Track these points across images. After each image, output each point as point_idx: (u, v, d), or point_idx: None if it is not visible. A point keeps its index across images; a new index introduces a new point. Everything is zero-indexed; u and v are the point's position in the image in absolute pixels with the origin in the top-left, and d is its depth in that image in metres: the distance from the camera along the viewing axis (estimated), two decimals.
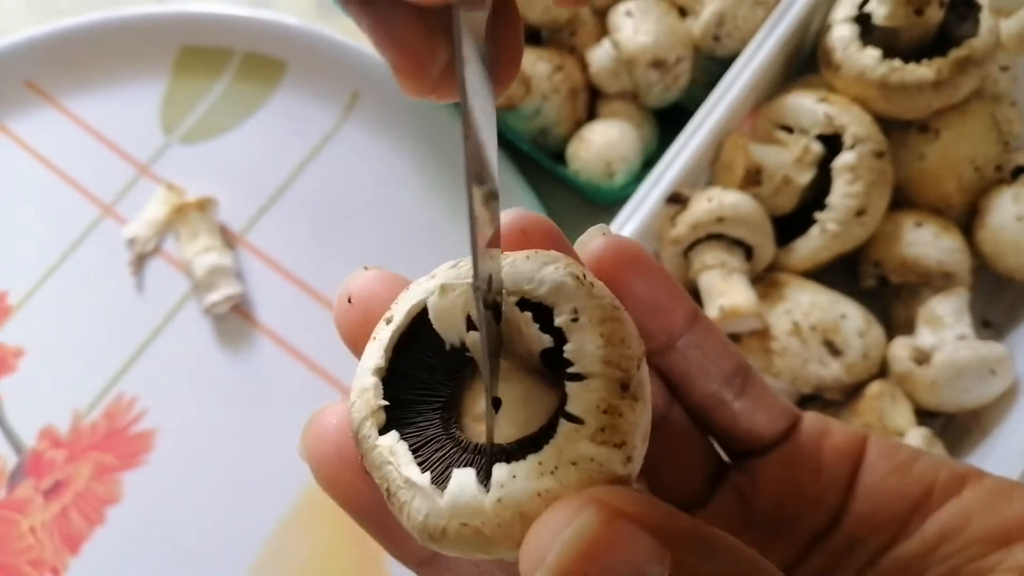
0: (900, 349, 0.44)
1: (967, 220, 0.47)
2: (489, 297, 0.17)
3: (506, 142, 0.53)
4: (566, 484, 0.15)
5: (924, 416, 0.44)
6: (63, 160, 0.56)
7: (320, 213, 0.55)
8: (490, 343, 0.17)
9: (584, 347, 0.16)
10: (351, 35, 0.57)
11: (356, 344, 0.19)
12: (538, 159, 0.52)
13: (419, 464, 0.17)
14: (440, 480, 0.16)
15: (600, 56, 0.51)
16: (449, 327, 0.18)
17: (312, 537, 0.48)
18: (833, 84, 0.47)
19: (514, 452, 0.16)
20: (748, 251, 0.45)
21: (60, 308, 0.53)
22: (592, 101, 0.54)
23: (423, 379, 0.18)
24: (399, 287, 0.19)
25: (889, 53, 0.44)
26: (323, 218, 0.55)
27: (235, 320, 0.52)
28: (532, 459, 0.15)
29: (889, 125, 0.46)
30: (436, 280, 0.18)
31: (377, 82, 0.56)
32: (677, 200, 0.45)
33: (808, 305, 0.44)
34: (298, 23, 0.57)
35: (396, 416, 0.18)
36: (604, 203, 0.52)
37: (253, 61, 0.58)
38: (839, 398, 0.45)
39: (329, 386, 0.51)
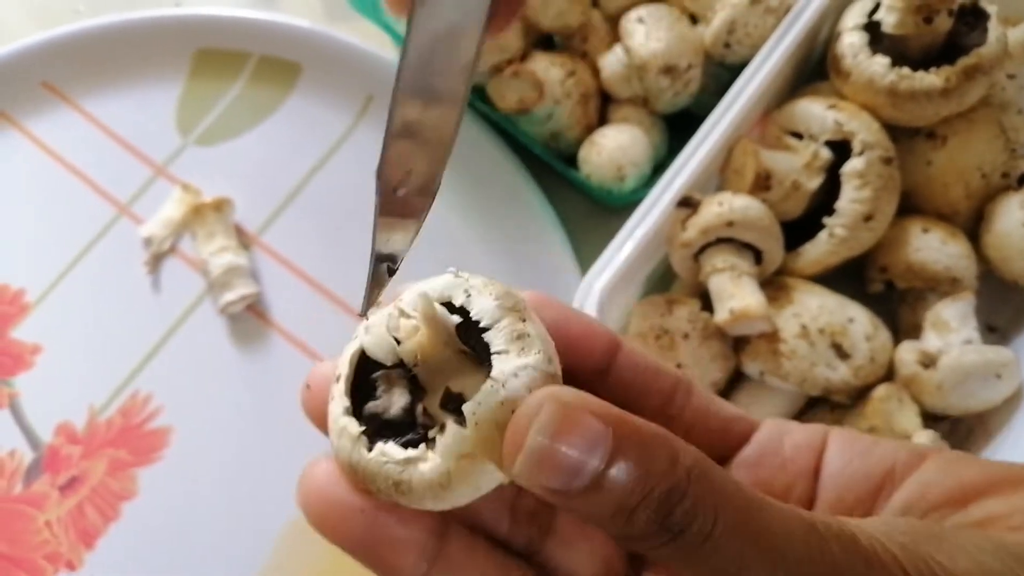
0: (907, 353, 0.44)
1: (974, 226, 0.48)
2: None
3: (518, 146, 0.54)
4: (517, 389, 0.19)
5: (930, 419, 0.45)
6: (80, 160, 0.57)
7: (334, 214, 0.56)
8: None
9: (484, 306, 0.21)
10: (366, 39, 0.58)
11: (321, 421, 0.23)
12: (550, 163, 0.53)
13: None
14: (427, 444, 0.20)
15: (612, 62, 0.52)
16: (383, 352, 0.22)
17: None
18: (842, 91, 0.47)
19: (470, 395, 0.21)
20: (757, 255, 0.46)
21: (77, 306, 0.54)
22: (603, 106, 0.55)
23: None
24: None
25: (898, 61, 0.45)
26: (337, 219, 0.55)
27: (250, 319, 0.53)
28: (484, 385, 0.20)
29: (897, 132, 0.47)
30: (360, 327, 0.23)
31: (391, 85, 0.57)
32: (688, 204, 0.45)
33: (816, 308, 0.45)
34: (313, 26, 0.58)
35: (374, 439, 0.21)
36: (615, 207, 0.53)
37: (268, 64, 0.59)
38: (846, 400, 0.45)
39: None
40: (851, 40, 0.46)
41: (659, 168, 0.52)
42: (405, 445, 0.20)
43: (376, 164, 0.22)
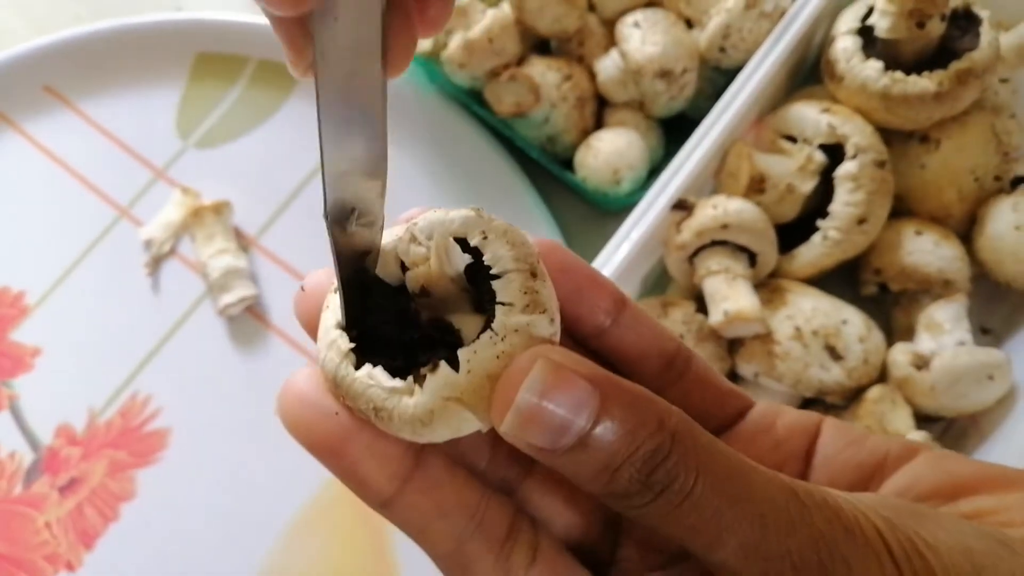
0: (900, 354, 0.45)
1: (966, 229, 0.48)
2: (349, 227, 0.22)
3: (515, 149, 0.54)
4: (515, 345, 0.19)
5: (923, 420, 0.45)
6: (81, 163, 0.58)
7: None
8: (342, 264, 0.21)
9: (498, 253, 0.21)
10: None
11: (311, 326, 0.23)
12: (546, 166, 0.53)
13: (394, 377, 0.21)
14: (417, 378, 0.20)
15: (608, 66, 0.52)
16: (387, 273, 0.22)
17: (323, 535, 0.49)
18: (836, 95, 0.48)
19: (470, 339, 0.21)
20: (752, 257, 0.46)
21: (77, 308, 0.54)
22: (599, 110, 0.55)
23: (376, 322, 0.22)
24: None
25: (891, 65, 0.45)
26: None
27: (249, 321, 0.54)
28: (485, 336, 0.20)
29: (890, 135, 0.47)
30: None
31: (388, 90, 0.57)
32: (683, 207, 0.46)
33: (810, 310, 0.45)
34: None
35: (363, 355, 0.21)
36: (611, 210, 0.53)
37: (267, 68, 0.59)
38: (840, 402, 0.46)
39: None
40: (845, 44, 0.47)
41: (655, 171, 0.52)
42: (393, 372, 0.20)
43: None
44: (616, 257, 0.44)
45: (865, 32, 0.47)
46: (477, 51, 0.51)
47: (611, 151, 0.51)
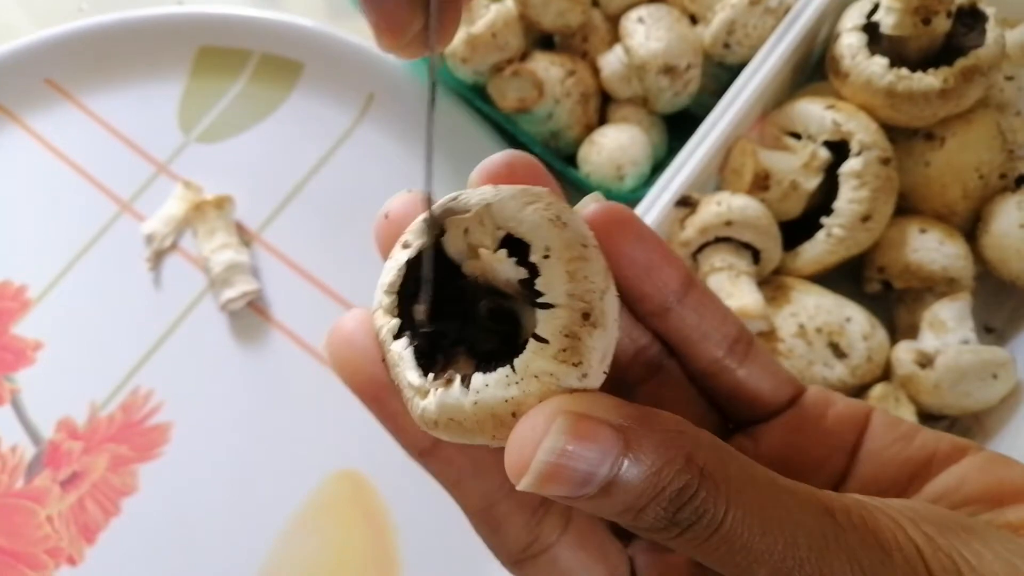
0: (904, 352, 0.45)
1: (971, 227, 0.48)
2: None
3: (518, 145, 0.54)
4: (528, 394, 0.18)
5: (927, 418, 0.45)
6: (82, 157, 0.57)
7: (335, 212, 0.56)
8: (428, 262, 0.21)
9: (552, 281, 0.19)
10: (367, 37, 0.58)
11: (386, 253, 0.22)
12: (550, 161, 0.53)
13: (421, 366, 0.20)
14: (435, 381, 0.20)
15: (612, 62, 0.52)
16: (454, 252, 0.21)
17: (325, 530, 0.49)
18: (841, 92, 0.47)
19: (491, 361, 0.19)
20: (755, 254, 0.46)
21: (78, 302, 0.54)
22: (603, 106, 0.55)
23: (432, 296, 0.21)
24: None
25: (896, 62, 0.45)
26: (338, 217, 0.56)
27: (250, 316, 0.53)
28: (502, 371, 0.18)
29: (895, 132, 0.47)
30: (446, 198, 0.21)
31: (392, 84, 0.57)
32: (686, 203, 0.45)
33: (814, 308, 0.45)
34: (315, 25, 0.58)
35: (407, 325, 0.21)
36: None
37: (270, 62, 0.59)
38: None
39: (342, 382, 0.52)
40: (850, 41, 0.46)
41: (658, 168, 0.52)
42: (423, 358, 0.20)
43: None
44: None
45: (870, 28, 0.46)
46: (480, 46, 0.51)
47: (614, 147, 0.51)
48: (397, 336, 0.20)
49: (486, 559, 0.23)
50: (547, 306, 0.18)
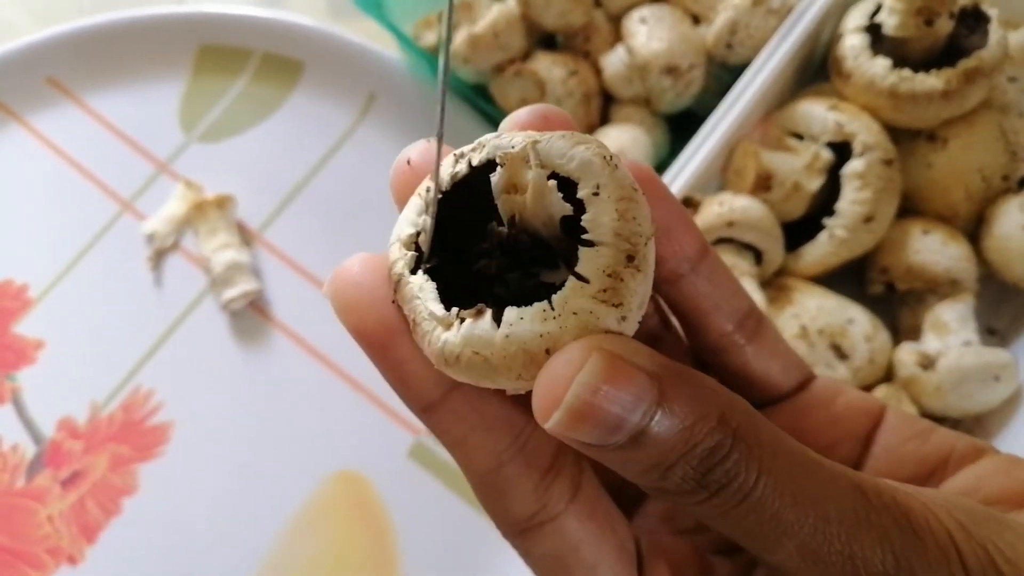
0: (906, 354, 0.45)
1: (974, 228, 0.48)
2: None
3: None
4: (565, 330, 0.17)
5: (929, 420, 0.45)
6: (83, 156, 0.57)
7: (336, 212, 0.56)
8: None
9: (600, 218, 0.18)
10: (368, 37, 0.58)
11: (403, 201, 0.21)
12: None
13: (443, 301, 0.19)
14: (464, 311, 0.18)
15: (614, 62, 0.52)
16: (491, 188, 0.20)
17: (325, 530, 0.49)
18: (843, 92, 0.47)
19: (527, 296, 0.18)
20: (758, 255, 0.46)
21: (79, 302, 0.54)
22: (605, 106, 0.55)
23: (457, 234, 0.20)
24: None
25: (899, 63, 0.45)
26: (339, 217, 0.56)
27: (251, 316, 0.53)
28: (538, 306, 0.17)
29: (898, 134, 0.47)
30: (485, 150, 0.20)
31: (393, 83, 0.57)
32: (688, 204, 0.45)
33: (816, 309, 0.45)
34: (316, 24, 0.58)
35: (429, 261, 0.20)
36: None
37: (271, 61, 0.59)
38: None
39: (343, 383, 0.52)
40: (852, 42, 0.46)
41: (660, 168, 0.52)
42: (447, 291, 0.19)
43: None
44: None
45: (873, 29, 0.46)
46: (482, 46, 0.51)
47: (616, 147, 0.51)
48: (414, 271, 0.19)
49: (486, 559, 0.22)
50: (591, 244, 0.18)
